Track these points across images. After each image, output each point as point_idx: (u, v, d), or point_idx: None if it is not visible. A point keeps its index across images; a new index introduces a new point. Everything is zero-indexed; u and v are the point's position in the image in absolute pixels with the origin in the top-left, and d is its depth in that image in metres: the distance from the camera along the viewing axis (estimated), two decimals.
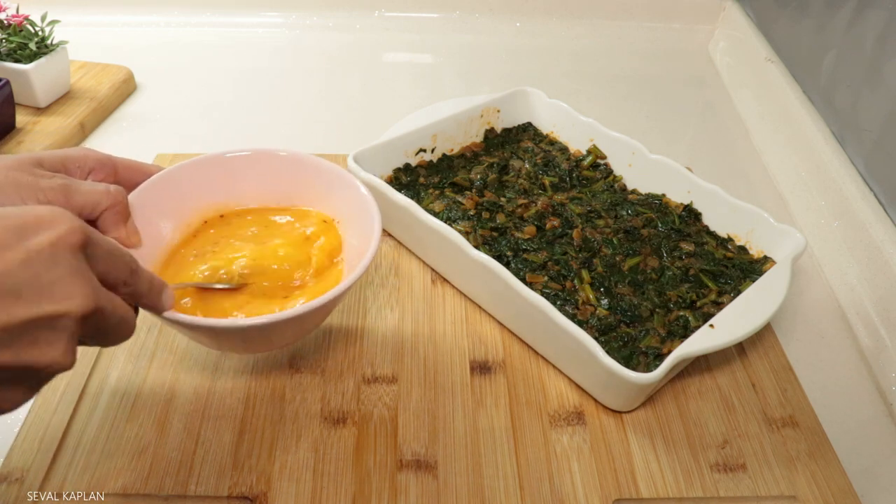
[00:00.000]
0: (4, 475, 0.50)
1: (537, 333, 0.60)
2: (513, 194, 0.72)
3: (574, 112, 0.80)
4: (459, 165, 0.76)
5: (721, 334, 0.55)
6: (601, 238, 0.67)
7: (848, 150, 0.78)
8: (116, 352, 0.59)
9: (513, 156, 0.78)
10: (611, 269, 0.64)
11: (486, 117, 0.80)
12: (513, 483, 0.52)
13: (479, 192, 0.72)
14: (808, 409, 0.59)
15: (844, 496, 0.53)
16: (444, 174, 0.74)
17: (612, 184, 0.76)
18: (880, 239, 0.68)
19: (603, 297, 0.62)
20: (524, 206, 0.69)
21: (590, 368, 0.55)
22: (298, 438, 0.54)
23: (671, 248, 0.68)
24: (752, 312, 0.57)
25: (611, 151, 0.78)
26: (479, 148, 0.79)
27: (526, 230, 0.67)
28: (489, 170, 0.74)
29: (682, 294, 0.63)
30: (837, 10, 0.83)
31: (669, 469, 0.54)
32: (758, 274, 0.65)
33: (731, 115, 1.01)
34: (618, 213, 0.71)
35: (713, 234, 0.70)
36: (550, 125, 0.82)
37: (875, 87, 0.74)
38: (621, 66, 1.12)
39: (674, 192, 0.73)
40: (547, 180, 0.75)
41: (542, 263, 0.64)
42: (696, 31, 1.18)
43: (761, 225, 0.67)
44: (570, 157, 0.78)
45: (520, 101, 0.82)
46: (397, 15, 1.16)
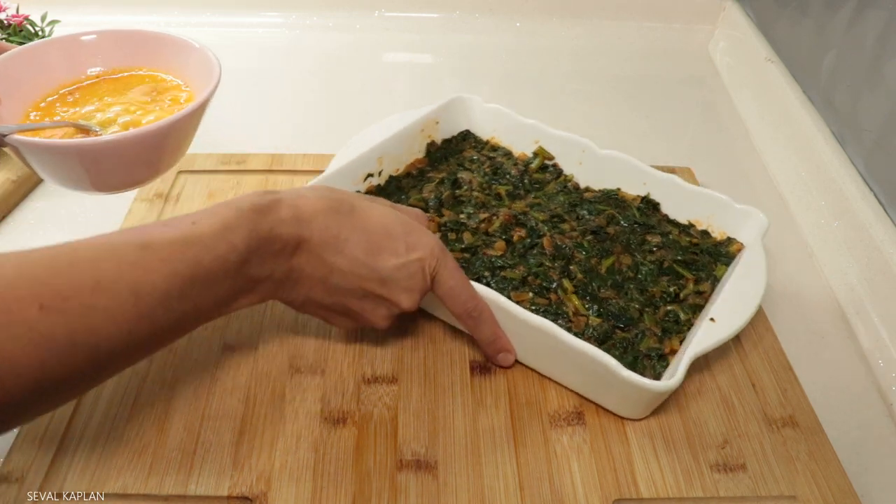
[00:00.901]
0: (4, 475, 0.50)
1: (542, 356, 0.58)
2: (471, 209, 0.69)
3: (514, 114, 0.77)
4: (409, 186, 0.73)
5: (722, 327, 0.56)
6: (571, 243, 0.65)
7: (848, 150, 0.78)
8: None
9: (459, 167, 0.75)
10: (589, 274, 0.63)
11: (427, 131, 0.76)
12: (513, 483, 0.52)
13: (436, 211, 0.69)
14: (808, 409, 0.59)
15: (844, 496, 0.53)
16: (396, 197, 0.71)
17: (565, 184, 0.74)
18: (880, 239, 0.68)
19: (590, 305, 0.61)
20: (487, 221, 0.67)
21: (608, 384, 0.54)
22: (298, 438, 0.54)
23: (639, 242, 0.68)
24: (743, 300, 0.58)
25: (558, 151, 0.76)
26: (423, 164, 0.76)
27: (496, 246, 0.65)
28: (441, 187, 0.72)
29: (664, 289, 0.63)
30: (837, 10, 0.83)
31: (669, 469, 0.54)
32: (726, 256, 0.66)
33: (731, 115, 1.01)
34: (578, 214, 0.70)
35: (674, 223, 0.71)
36: (490, 131, 0.80)
37: (875, 87, 0.74)
38: (621, 66, 1.12)
39: (629, 186, 0.73)
40: (501, 189, 0.72)
41: (522, 279, 0.62)
42: (696, 31, 1.18)
43: (721, 208, 0.68)
44: (518, 162, 0.76)
45: (458, 110, 0.79)
46: (397, 15, 1.16)
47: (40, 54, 0.60)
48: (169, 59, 0.64)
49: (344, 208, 0.52)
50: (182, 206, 0.74)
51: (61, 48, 0.62)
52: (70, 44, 0.62)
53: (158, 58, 0.64)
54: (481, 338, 0.57)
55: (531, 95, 1.03)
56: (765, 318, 0.66)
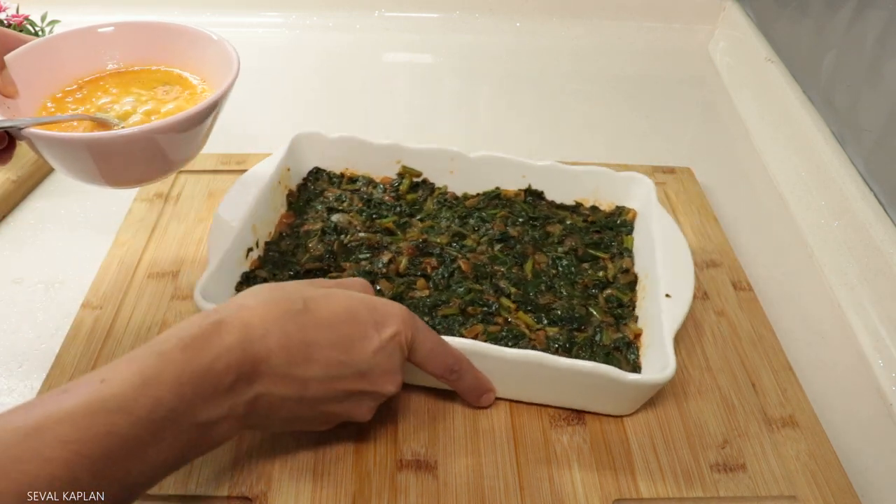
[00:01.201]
0: None
1: (532, 386, 0.56)
2: (367, 253, 0.64)
3: (367, 139, 0.72)
4: (289, 248, 0.65)
5: (680, 301, 0.58)
6: (486, 258, 0.64)
7: (848, 150, 0.78)
8: (117, 351, 0.59)
9: (329, 211, 0.69)
10: (520, 284, 0.62)
11: (283, 182, 0.70)
12: (513, 483, 0.52)
13: (334, 267, 0.63)
14: (808, 409, 0.59)
15: (844, 496, 0.53)
16: (285, 267, 0.63)
17: (443, 197, 0.72)
18: (880, 239, 0.68)
19: (537, 316, 0.60)
20: (393, 262, 0.63)
21: (608, 392, 0.54)
22: (298, 438, 0.54)
23: (544, 236, 0.68)
24: (680, 267, 0.61)
25: (425, 165, 0.72)
26: (291, 219, 0.69)
27: (419, 285, 0.62)
28: (323, 239, 0.66)
29: (592, 277, 0.64)
30: (837, 10, 0.83)
31: (669, 469, 0.53)
32: (625, 226, 0.69)
33: (731, 115, 1.01)
34: (473, 225, 0.68)
35: (562, 206, 0.71)
36: (343, 163, 0.74)
37: (875, 87, 0.74)
38: (621, 66, 1.12)
39: (508, 182, 0.72)
40: (388, 223, 0.68)
41: (461, 311, 0.59)
42: (696, 31, 1.18)
43: (602, 180, 0.70)
44: (386, 188, 0.72)
45: (304, 149, 0.73)
46: (397, 15, 1.16)
47: (58, 46, 0.59)
48: (186, 52, 0.62)
49: (296, 306, 0.45)
50: (182, 205, 0.74)
51: (79, 40, 0.61)
52: (87, 36, 0.61)
53: (175, 51, 0.62)
54: (465, 388, 0.54)
55: (531, 95, 1.03)
56: (765, 318, 0.66)
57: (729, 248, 0.73)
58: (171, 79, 0.62)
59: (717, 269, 0.71)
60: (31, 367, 0.59)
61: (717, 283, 0.69)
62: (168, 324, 0.61)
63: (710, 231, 0.75)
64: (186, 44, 0.62)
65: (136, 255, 0.67)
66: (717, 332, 0.65)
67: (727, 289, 0.69)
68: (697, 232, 0.75)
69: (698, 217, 0.77)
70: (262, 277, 0.61)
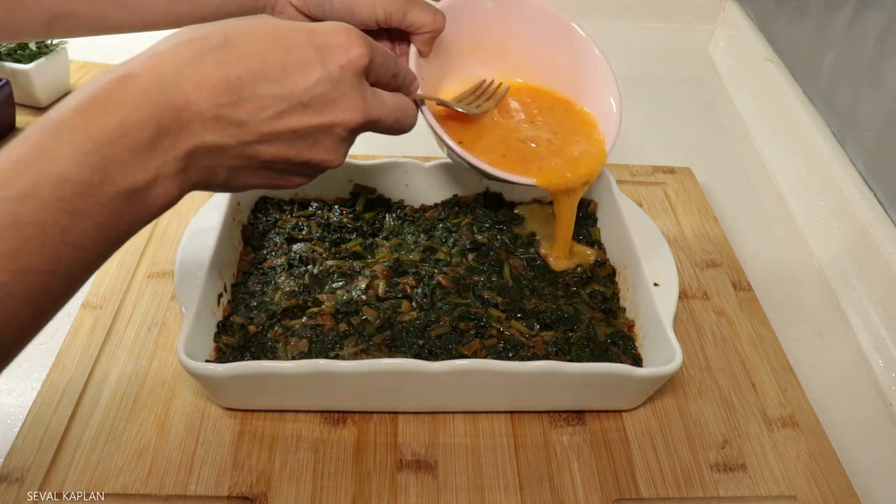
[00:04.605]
0: (4, 475, 0.50)
1: (543, 395, 0.55)
2: (342, 281, 0.62)
3: None
4: (257, 289, 0.62)
5: (669, 285, 0.59)
6: (463, 270, 0.63)
7: (848, 150, 0.78)
8: (117, 351, 0.59)
9: (289, 243, 0.65)
10: (503, 292, 0.62)
11: (238, 218, 0.66)
12: (513, 483, 0.52)
13: (314, 303, 0.60)
14: (808, 409, 0.59)
15: (844, 496, 0.53)
16: (259, 308, 0.60)
17: (402, 211, 0.70)
18: (880, 239, 0.68)
19: (528, 321, 0.60)
20: (371, 287, 0.61)
21: (618, 389, 0.54)
22: (298, 438, 0.54)
23: (512, 238, 0.68)
24: (658, 254, 0.62)
25: (378, 181, 0.71)
26: (250, 256, 0.65)
27: (403, 308, 0.59)
28: (292, 273, 0.62)
29: (572, 273, 0.65)
30: (837, 10, 0.83)
31: (669, 469, 0.54)
32: (590, 217, 0.71)
33: (731, 115, 1.01)
34: (439, 237, 0.67)
35: (522, 205, 0.72)
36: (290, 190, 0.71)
37: (875, 87, 0.74)
38: (621, 66, 1.11)
39: (466, 188, 0.71)
40: (355, 246, 0.65)
41: (453, 329, 0.58)
42: (696, 31, 1.18)
43: None
44: (341, 210, 0.69)
45: None
46: None
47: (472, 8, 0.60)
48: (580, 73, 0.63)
49: (214, 42, 0.39)
50: (182, 205, 0.74)
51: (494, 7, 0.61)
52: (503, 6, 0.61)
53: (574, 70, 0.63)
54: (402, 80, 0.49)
55: None
56: (765, 318, 0.66)
57: (729, 248, 0.73)
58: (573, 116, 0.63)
59: (717, 269, 0.71)
60: (31, 367, 0.59)
61: (717, 283, 0.69)
62: (168, 324, 0.61)
63: (710, 231, 0.75)
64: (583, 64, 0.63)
65: (136, 255, 0.67)
66: (717, 332, 0.65)
67: (727, 289, 0.69)
68: (697, 232, 0.75)
69: (698, 217, 0.77)
70: (239, 323, 0.58)
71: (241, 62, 0.39)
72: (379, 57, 0.44)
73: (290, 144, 0.42)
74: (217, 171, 0.40)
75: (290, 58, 0.40)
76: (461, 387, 0.53)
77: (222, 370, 0.50)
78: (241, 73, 0.38)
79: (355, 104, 0.43)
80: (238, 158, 0.40)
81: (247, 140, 0.40)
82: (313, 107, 0.41)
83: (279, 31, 0.41)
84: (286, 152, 0.42)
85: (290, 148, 0.42)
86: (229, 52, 0.39)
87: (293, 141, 0.42)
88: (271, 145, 0.41)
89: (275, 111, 0.40)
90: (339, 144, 0.44)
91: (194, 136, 0.38)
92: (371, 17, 0.52)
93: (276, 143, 0.41)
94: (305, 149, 0.42)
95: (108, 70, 0.37)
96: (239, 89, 0.39)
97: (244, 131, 0.39)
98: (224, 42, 0.39)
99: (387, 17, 0.53)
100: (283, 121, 0.40)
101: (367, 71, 0.43)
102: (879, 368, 0.64)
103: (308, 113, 0.41)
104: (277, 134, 0.41)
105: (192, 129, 0.38)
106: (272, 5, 0.54)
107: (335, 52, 0.41)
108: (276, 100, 0.40)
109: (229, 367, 0.50)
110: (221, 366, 0.50)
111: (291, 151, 0.42)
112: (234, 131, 0.39)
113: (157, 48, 0.38)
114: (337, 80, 0.41)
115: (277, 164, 0.42)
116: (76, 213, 0.33)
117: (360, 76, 0.43)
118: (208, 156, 0.39)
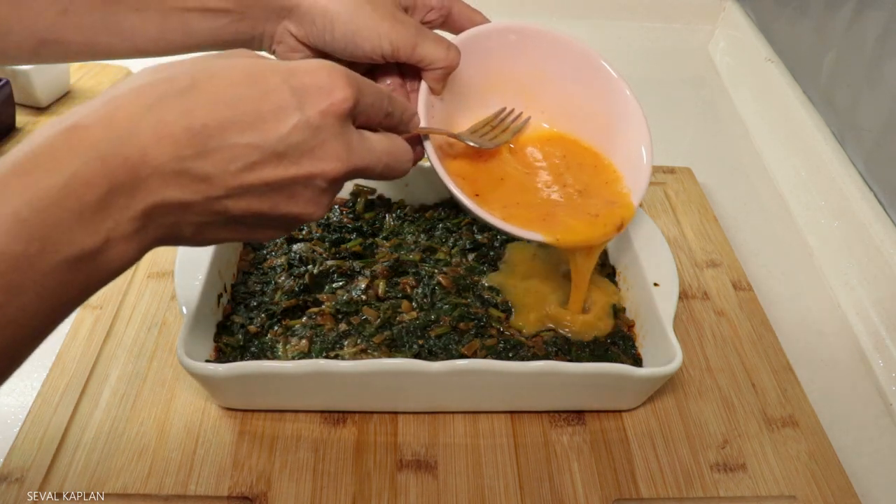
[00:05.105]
0: (4, 475, 0.50)
1: (538, 394, 0.55)
2: (342, 281, 0.62)
3: None
4: (256, 288, 0.62)
5: (669, 285, 0.59)
6: (463, 269, 0.63)
7: (848, 150, 0.78)
8: (117, 351, 0.59)
9: (288, 243, 0.65)
10: (502, 291, 0.62)
11: None
12: (513, 483, 0.52)
13: (314, 303, 0.60)
14: (808, 409, 0.59)
15: (844, 496, 0.53)
16: (259, 309, 0.60)
17: (402, 211, 0.70)
18: (880, 239, 0.68)
19: (526, 318, 0.60)
20: (371, 287, 0.61)
21: (617, 388, 0.54)
22: (298, 438, 0.54)
23: (511, 238, 0.66)
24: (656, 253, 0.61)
25: (378, 182, 0.68)
26: (249, 256, 0.65)
27: (403, 308, 0.59)
28: (291, 272, 0.62)
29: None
30: (837, 10, 0.83)
31: (669, 469, 0.53)
32: None
33: (731, 115, 1.01)
34: (439, 237, 0.67)
35: None
36: None
37: (875, 87, 0.74)
38: (621, 66, 1.11)
39: None
40: (355, 246, 0.65)
41: (453, 329, 0.58)
42: (696, 31, 1.18)
43: None
44: (341, 210, 0.69)
45: None
46: None
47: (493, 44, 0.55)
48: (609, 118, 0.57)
49: (179, 86, 0.35)
50: None
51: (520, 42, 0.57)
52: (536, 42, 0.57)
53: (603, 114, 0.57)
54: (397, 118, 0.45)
55: None
56: (765, 318, 0.66)
57: (729, 248, 0.73)
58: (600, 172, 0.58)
59: (717, 269, 0.71)
60: (31, 367, 0.59)
61: (717, 283, 0.69)
62: (168, 324, 0.61)
63: (710, 231, 0.75)
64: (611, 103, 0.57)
65: None
66: (717, 332, 0.65)
67: (727, 289, 0.69)
68: (697, 232, 0.75)
69: (698, 217, 0.77)
70: (240, 323, 0.58)
71: (208, 108, 0.35)
72: (367, 97, 0.40)
73: (263, 198, 0.37)
74: (182, 228, 0.37)
75: (263, 103, 0.36)
76: (461, 387, 0.53)
77: (222, 370, 0.50)
78: (207, 121, 0.34)
79: (337, 152, 0.38)
80: (205, 214, 0.36)
81: (214, 195, 0.36)
82: (289, 157, 0.37)
83: (253, 72, 0.36)
84: (259, 207, 0.38)
85: (264, 202, 0.38)
86: (195, 97, 0.35)
87: (267, 194, 0.37)
88: (242, 200, 0.37)
89: (245, 162, 0.36)
90: (320, 196, 0.40)
91: (153, 192, 0.34)
92: (376, 49, 0.49)
93: (246, 197, 0.37)
94: (281, 202, 0.38)
95: (58, 119, 0.33)
96: (205, 139, 0.34)
97: (210, 186, 0.35)
98: (190, 85, 0.35)
99: (394, 51, 0.49)
100: (255, 173, 0.36)
101: (352, 114, 0.39)
102: (879, 368, 0.64)
103: (283, 164, 0.37)
104: (248, 187, 0.36)
105: (149, 185, 0.34)
106: (270, 34, 0.51)
107: (315, 96, 0.37)
108: (248, 150, 0.36)
109: (229, 367, 0.50)
110: (221, 366, 0.50)
111: (265, 205, 0.38)
112: (199, 186, 0.35)
113: (114, 92, 0.34)
114: (316, 126, 0.37)
115: (250, 218, 0.38)
116: (12, 289, 0.30)
117: (343, 121, 0.39)
118: (170, 213, 0.35)
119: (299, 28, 0.50)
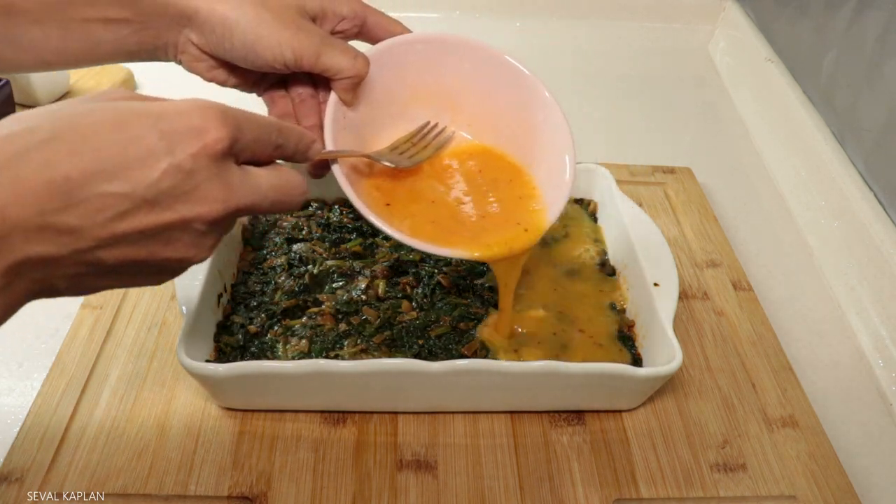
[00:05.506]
0: (4, 475, 0.50)
1: (538, 394, 0.55)
2: (342, 281, 0.62)
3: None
4: (256, 288, 0.62)
5: (669, 285, 0.59)
6: (464, 269, 0.62)
7: (848, 150, 0.78)
8: (117, 351, 0.59)
9: (289, 243, 0.65)
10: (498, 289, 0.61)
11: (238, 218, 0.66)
12: (513, 483, 0.52)
13: (314, 303, 0.60)
14: (808, 409, 0.59)
15: (844, 496, 0.53)
16: (259, 309, 0.60)
17: None
18: (880, 239, 0.68)
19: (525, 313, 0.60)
20: (371, 287, 0.61)
21: (618, 388, 0.54)
22: (298, 438, 0.54)
23: None
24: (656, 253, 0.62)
25: None
26: (250, 255, 0.65)
27: (403, 308, 0.60)
28: (291, 273, 0.62)
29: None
30: (837, 10, 0.83)
31: (669, 469, 0.54)
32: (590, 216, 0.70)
33: (731, 115, 1.01)
34: None
35: None
36: None
37: (875, 87, 0.74)
38: (621, 66, 1.12)
39: None
40: (355, 246, 0.65)
41: (452, 328, 0.58)
42: (696, 31, 1.18)
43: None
44: (341, 210, 0.69)
45: None
46: (398, 15, 1.15)
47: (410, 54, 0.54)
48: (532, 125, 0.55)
49: (38, 137, 0.33)
50: None
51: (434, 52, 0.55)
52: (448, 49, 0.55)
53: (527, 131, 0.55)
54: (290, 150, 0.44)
55: None
56: (765, 318, 0.66)
57: (729, 248, 0.73)
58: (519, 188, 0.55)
59: (717, 269, 0.71)
60: (31, 367, 0.59)
61: (717, 283, 0.69)
62: (168, 324, 0.61)
63: (710, 231, 0.75)
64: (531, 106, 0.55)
65: None
66: (717, 332, 0.65)
67: (727, 289, 0.69)
68: (697, 232, 0.75)
69: (698, 217, 0.77)
70: (240, 323, 0.58)
71: (70, 158, 0.33)
72: (249, 133, 0.39)
73: (139, 246, 0.36)
74: (54, 282, 0.36)
75: (130, 149, 0.34)
76: (461, 387, 0.53)
77: (222, 370, 0.50)
78: (69, 172, 0.33)
79: (214, 195, 0.37)
80: (76, 266, 0.35)
81: (83, 247, 0.34)
82: (161, 203, 0.36)
83: (119, 118, 0.35)
84: (136, 254, 0.37)
85: (140, 250, 0.36)
86: (56, 148, 0.33)
87: (142, 242, 0.36)
88: (115, 249, 0.36)
89: (114, 212, 0.34)
90: (201, 239, 0.38)
91: (15, 250, 0.33)
92: (277, 58, 0.48)
93: (120, 246, 0.36)
94: (158, 249, 0.37)
95: None
96: (68, 191, 0.33)
97: (78, 238, 0.34)
98: (51, 136, 0.33)
99: (296, 60, 0.48)
100: (126, 222, 0.35)
101: (231, 152, 0.38)
102: (879, 368, 0.64)
103: (156, 210, 0.36)
104: (121, 237, 0.35)
105: (11, 242, 0.32)
106: (174, 43, 0.50)
107: (185, 139, 0.36)
108: (116, 199, 0.34)
109: (229, 367, 0.50)
110: (221, 366, 0.50)
111: (142, 253, 0.37)
112: (66, 239, 0.34)
113: None
114: (189, 170, 0.36)
115: (128, 267, 0.37)
116: None
117: (219, 162, 0.37)
118: (37, 268, 0.34)
119: (200, 37, 0.49)
